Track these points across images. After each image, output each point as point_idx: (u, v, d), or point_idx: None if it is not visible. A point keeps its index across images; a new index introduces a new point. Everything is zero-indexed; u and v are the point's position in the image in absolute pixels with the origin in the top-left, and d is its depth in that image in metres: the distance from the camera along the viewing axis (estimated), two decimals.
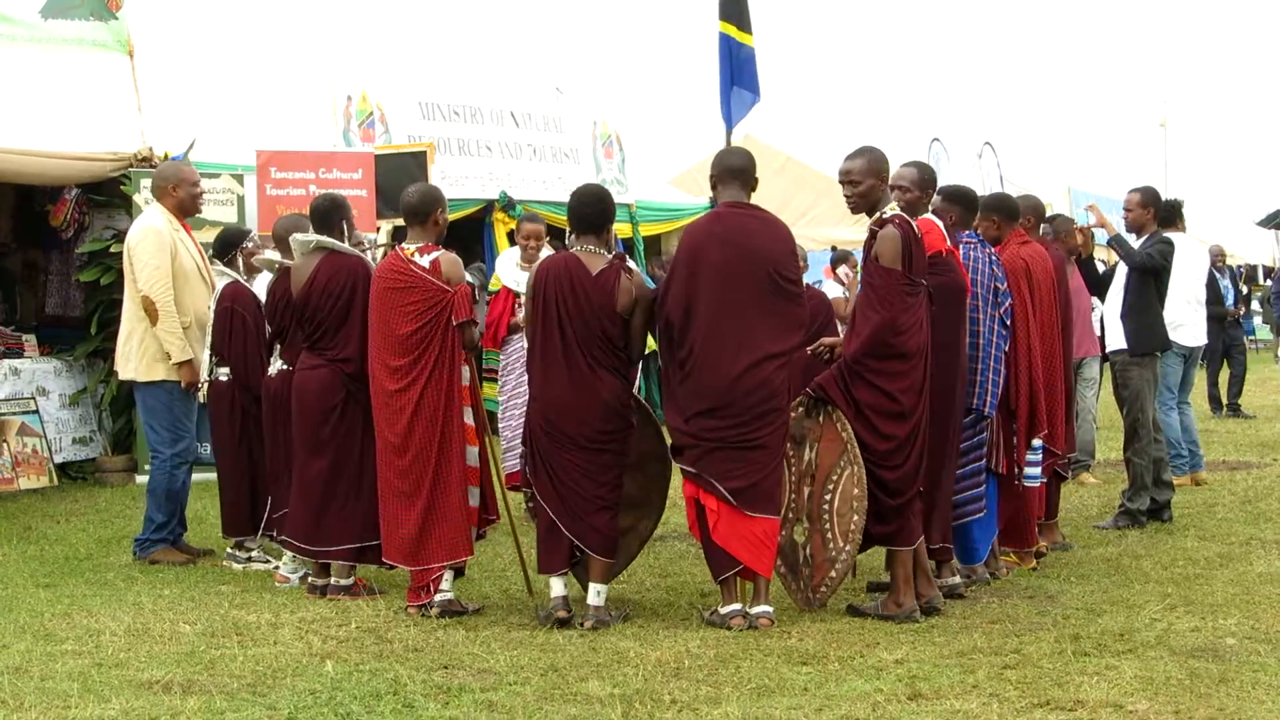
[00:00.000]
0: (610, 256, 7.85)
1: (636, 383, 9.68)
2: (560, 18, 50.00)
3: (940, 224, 8.18)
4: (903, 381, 7.61)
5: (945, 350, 7.92)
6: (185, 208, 9.85)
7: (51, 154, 12.87)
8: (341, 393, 8.31)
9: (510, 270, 10.91)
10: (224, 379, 9.50)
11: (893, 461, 7.63)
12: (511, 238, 15.96)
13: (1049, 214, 12.14)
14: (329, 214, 8.58)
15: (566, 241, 8.27)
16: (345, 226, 8.59)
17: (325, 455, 8.35)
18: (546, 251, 10.16)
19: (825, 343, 8.32)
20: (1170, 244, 10.81)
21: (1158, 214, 10.90)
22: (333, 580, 8.38)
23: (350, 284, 8.28)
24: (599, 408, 7.66)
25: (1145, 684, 6.29)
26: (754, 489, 7.49)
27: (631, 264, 7.97)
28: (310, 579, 8.55)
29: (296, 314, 8.54)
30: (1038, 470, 9.04)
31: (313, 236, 8.55)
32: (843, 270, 15.40)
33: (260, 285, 9.48)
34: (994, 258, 8.60)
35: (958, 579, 8.24)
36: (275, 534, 9.04)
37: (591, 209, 7.94)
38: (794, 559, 7.86)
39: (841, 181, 7.88)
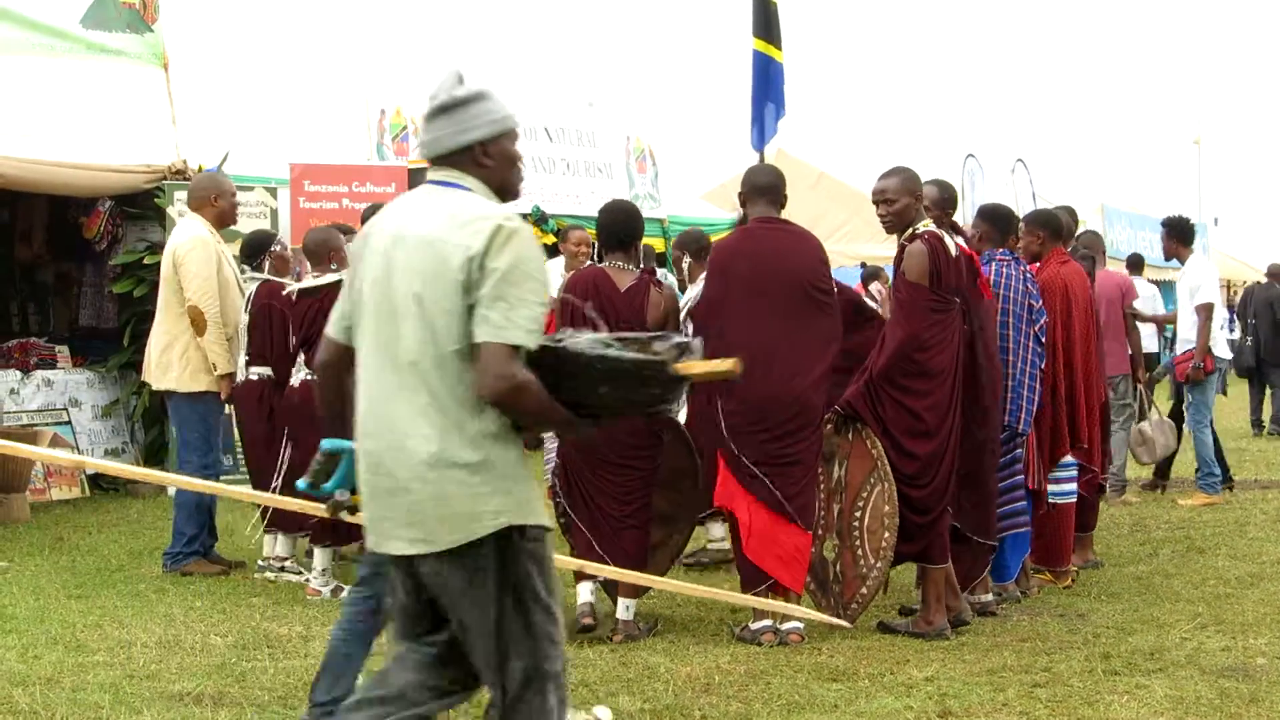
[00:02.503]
0: (639, 271, 7.85)
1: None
2: (593, 33, 50.21)
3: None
4: (927, 400, 7.57)
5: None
6: (225, 218, 9.89)
7: (86, 166, 12.94)
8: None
9: (559, 280, 10.90)
10: (255, 378, 9.52)
11: (919, 480, 7.61)
12: (548, 250, 16.01)
13: (1079, 231, 12.13)
14: None
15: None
16: None
17: None
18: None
19: None
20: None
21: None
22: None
23: None
24: (628, 422, 7.64)
25: (1175, 703, 6.27)
26: (789, 504, 7.48)
27: (668, 276, 7.92)
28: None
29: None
30: (1071, 487, 9.02)
31: None
32: (875, 287, 15.38)
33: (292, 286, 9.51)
34: (1028, 275, 8.55)
35: (990, 596, 8.22)
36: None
37: (620, 224, 7.95)
38: (824, 575, 7.85)
39: (876, 201, 7.85)
